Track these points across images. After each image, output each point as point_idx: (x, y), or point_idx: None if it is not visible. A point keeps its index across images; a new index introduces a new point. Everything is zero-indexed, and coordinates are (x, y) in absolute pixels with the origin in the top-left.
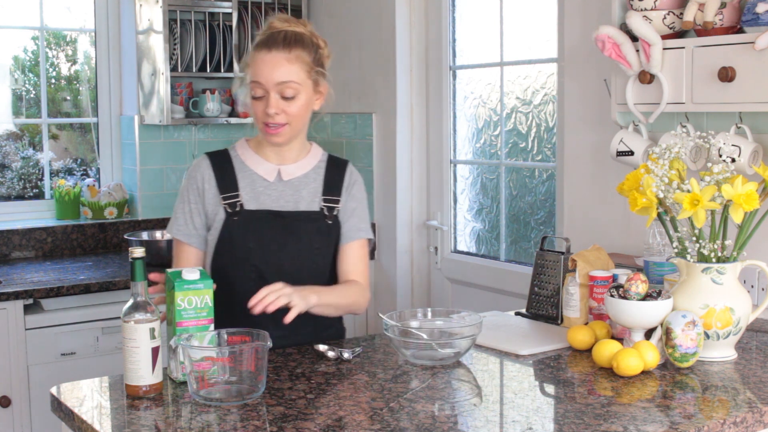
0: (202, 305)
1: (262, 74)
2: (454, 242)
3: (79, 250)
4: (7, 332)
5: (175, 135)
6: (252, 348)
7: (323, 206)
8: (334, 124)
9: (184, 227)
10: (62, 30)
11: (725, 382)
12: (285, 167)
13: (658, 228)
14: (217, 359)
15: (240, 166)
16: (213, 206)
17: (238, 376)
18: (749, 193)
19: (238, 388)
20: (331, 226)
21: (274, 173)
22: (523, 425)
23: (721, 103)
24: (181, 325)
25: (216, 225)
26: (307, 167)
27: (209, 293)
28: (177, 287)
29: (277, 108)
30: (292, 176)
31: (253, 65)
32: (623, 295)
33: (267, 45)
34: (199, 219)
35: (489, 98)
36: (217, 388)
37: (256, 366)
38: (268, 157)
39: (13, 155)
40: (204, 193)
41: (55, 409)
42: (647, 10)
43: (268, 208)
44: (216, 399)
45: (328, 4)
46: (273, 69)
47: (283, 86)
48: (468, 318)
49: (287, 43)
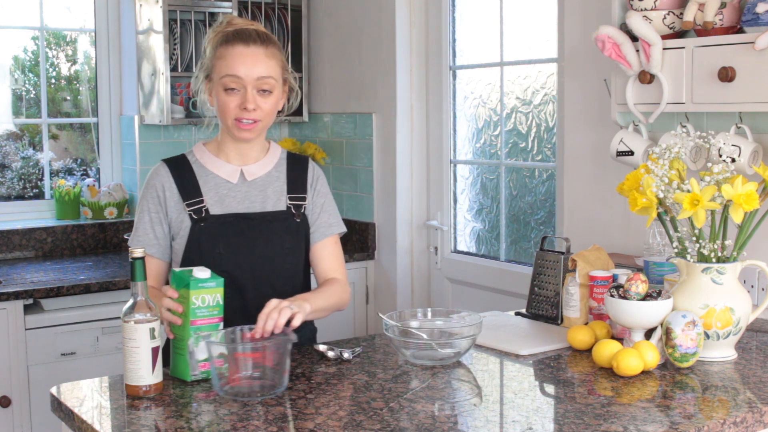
0: (214, 303)
1: (240, 68)
2: (454, 242)
3: (79, 250)
4: (7, 332)
5: (175, 135)
6: (276, 343)
7: (290, 205)
8: (334, 124)
9: (144, 238)
10: (62, 30)
11: (725, 382)
12: (247, 167)
13: (658, 228)
14: (242, 354)
15: (200, 171)
16: (176, 214)
17: (261, 372)
18: (749, 193)
19: (261, 384)
20: (299, 224)
21: (236, 174)
22: (523, 425)
23: (721, 103)
24: (195, 323)
25: (182, 233)
26: (269, 165)
27: (221, 291)
28: (192, 286)
29: (254, 103)
30: (255, 176)
31: (227, 59)
32: (623, 295)
33: (243, 40)
34: (160, 228)
35: (489, 98)
36: (241, 383)
37: (279, 361)
38: (230, 158)
39: (13, 155)
40: (165, 201)
41: (55, 409)
42: (647, 10)
43: (235, 211)
44: (242, 394)
45: (328, 4)
46: (253, 63)
47: (261, 81)
48: (468, 318)
49: (263, 40)
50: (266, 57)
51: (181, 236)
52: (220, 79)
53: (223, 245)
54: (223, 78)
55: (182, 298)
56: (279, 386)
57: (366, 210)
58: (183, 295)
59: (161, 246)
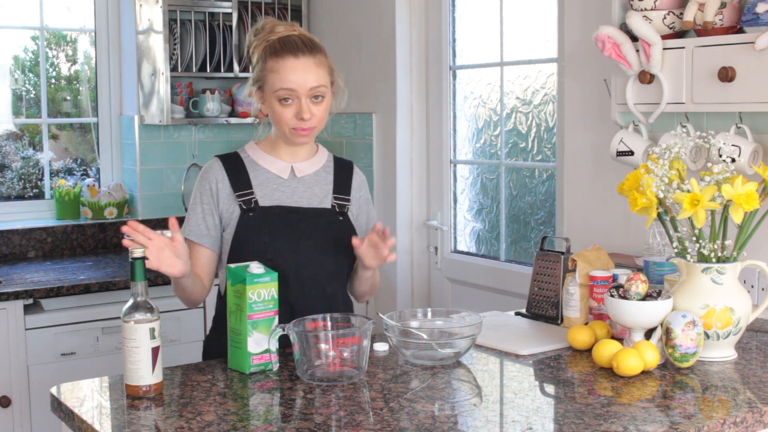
0: (269, 297)
1: (293, 81)
2: (454, 242)
3: (79, 250)
4: (7, 332)
5: (175, 135)
6: (357, 330)
7: (335, 204)
8: (334, 124)
9: (195, 228)
10: (62, 30)
11: (725, 382)
12: (297, 165)
13: (658, 228)
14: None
15: (252, 166)
16: (228, 205)
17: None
18: (749, 193)
19: (341, 371)
20: (342, 222)
21: (287, 171)
22: (523, 425)
23: (721, 103)
24: (251, 317)
25: (232, 223)
26: (318, 165)
27: (275, 285)
28: (248, 281)
29: (309, 112)
30: (305, 173)
31: (279, 72)
32: (623, 295)
33: (292, 51)
34: (212, 220)
35: (489, 98)
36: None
37: (359, 347)
38: (282, 156)
39: (13, 155)
40: (218, 193)
41: (55, 409)
42: (647, 10)
43: (283, 204)
44: (327, 380)
45: (328, 4)
46: (305, 75)
47: (314, 91)
48: (468, 318)
49: (310, 48)
50: (316, 66)
51: (231, 226)
52: (274, 92)
53: (269, 234)
54: (277, 91)
55: (238, 293)
56: (360, 370)
57: None
58: (239, 290)
59: (212, 237)
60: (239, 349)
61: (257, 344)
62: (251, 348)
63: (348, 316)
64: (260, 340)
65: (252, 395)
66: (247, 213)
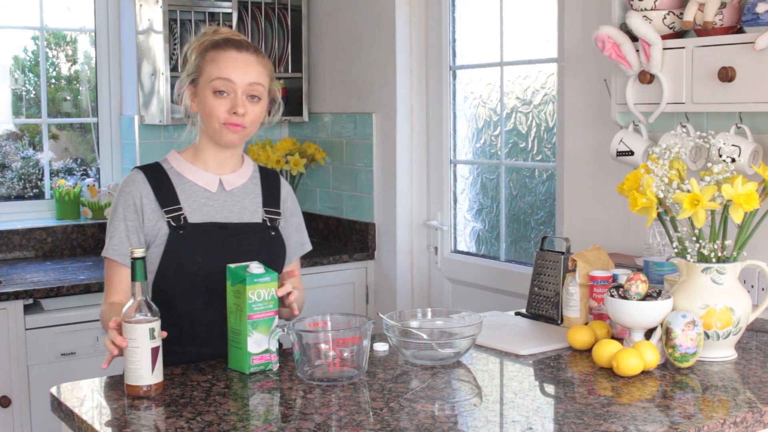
0: (269, 297)
1: (233, 72)
2: (454, 242)
3: (79, 250)
4: (7, 332)
5: (175, 135)
6: (357, 330)
7: (266, 218)
8: (334, 124)
9: (119, 247)
10: (62, 30)
11: (725, 382)
12: (225, 177)
13: (658, 228)
14: (323, 341)
15: (177, 178)
16: (154, 222)
17: (341, 358)
18: (749, 193)
19: (341, 371)
20: (274, 237)
21: (215, 183)
22: (523, 425)
23: (721, 103)
24: (251, 317)
25: (158, 241)
26: (245, 177)
27: (275, 285)
28: (248, 281)
29: (244, 107)
30: (233, 186)
31: (218, 62)
32: (623, 295)
33: (235, 45)
34: (136, 238)
35: (489, 98)
36: (324, 370)
37: (359, 347)
38: (208, 166)
39: (13, 155)
40: (142, 209)
41: (55, 409)
42: (647, 10)
43: (213, 219)
44: (327, 380)
45: (328, 4)
46: (246, 68)
47: (252, 87)
48: (468, 318)
49: (254, 49)
50: (258, 64)
51: (157, 244)
52: (209, 82)
53: (201, 254)
54: (213, 81)
55: (238, 293)
56: (360, 370)
57: (366, 210)
58: (239, 290)
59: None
60: (239, 349)
61: (257, 344)
62: (251, 348)
63: (348, 316)
64: (260, 340)
65: (252, 395)
66: (176, 230)
